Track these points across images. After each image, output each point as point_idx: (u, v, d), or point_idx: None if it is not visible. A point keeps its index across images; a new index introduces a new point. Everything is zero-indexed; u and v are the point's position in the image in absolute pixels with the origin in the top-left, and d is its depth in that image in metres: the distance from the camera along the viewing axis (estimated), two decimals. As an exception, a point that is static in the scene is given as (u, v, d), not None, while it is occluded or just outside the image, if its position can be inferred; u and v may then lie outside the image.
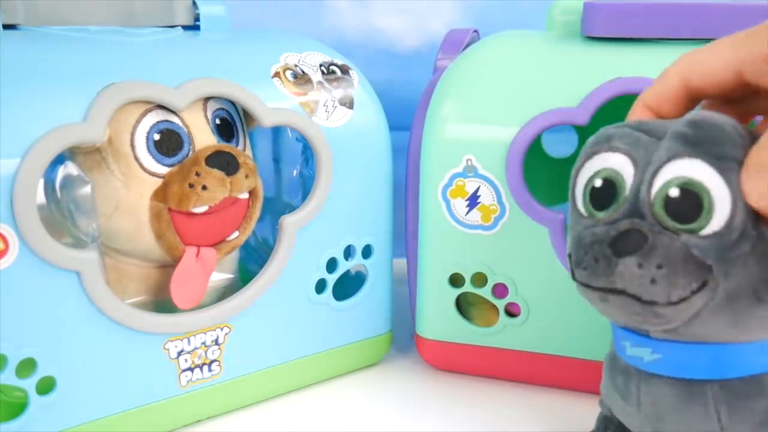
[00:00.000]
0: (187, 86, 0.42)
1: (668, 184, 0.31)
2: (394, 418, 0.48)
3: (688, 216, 0.31)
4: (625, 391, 0.36)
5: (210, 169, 0.43)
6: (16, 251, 0.37)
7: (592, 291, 0.32)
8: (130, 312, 0.41)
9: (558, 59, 0.48)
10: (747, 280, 0.31)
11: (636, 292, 0.31)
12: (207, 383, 0.46)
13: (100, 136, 0.39)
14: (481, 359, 0.51)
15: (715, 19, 0.45)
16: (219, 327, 0.45)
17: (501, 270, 0.48)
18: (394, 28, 0.69)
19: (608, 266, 0.31)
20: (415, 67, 0.64)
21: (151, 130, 0.43)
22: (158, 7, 0.50)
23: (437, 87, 0.50)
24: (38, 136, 0.37)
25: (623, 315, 0.33)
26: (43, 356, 0.39)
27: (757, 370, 0.33)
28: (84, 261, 0.39)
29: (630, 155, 0.33)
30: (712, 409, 0.33)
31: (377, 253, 0.51)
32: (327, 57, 0.50)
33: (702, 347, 0.33)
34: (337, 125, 0.48)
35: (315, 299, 0.49)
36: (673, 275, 0.30)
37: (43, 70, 0.39)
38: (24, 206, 0.37)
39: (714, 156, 0.30)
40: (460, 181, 0.48)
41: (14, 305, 0.38)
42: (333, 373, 0.52)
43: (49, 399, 0.40)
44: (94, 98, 0.39)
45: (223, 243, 0.46)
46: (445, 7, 0.70)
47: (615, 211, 0.33)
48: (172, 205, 0.43)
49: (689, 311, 0.31)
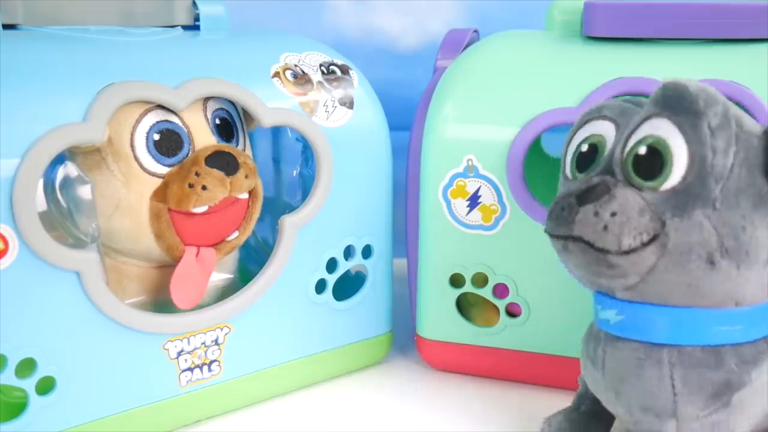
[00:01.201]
0: (186, 86, 0.42)
1: (640, 143, 0.33)
2: (394, 418, 0.48)
3: (651, 172, 0.32)
4: (594, 356, 0.37)
5: (210, 169, 0.43)
6: (16, 251, 0.37)
7: (556, 240, 0.35)
8: (129, 312, 0.41)
9: (558, 59, 0.48)
10: (700, 241, 0.32)
11: (590, 238, 0.33)
12: (207, 383, 0.45)
13: (100, 136, 0.39)
14: (481, 359, 0.51)
15: (715, 19, 0.46)
16: (219, 327, 0.45)
17: (501, 270, 0.48)
18: (394, 28, 0.70)
19: (570, 214, 0.33)
20: (415, 67, 0.64)
21: (151, 130, 0.43)
22: (158, 7, 0.49)
23: (437, 87, 0.50)
24: (38, 136, 0.37)
25: (583, 264, 0.34)
26: (43, 356, 0.39)
27: (717, 341, 0.34)
28: (84, 261, 0.39)
29: (615, 121, 0.35)
30: (667, 374, 0.34)
31: (377, 253, 0.51)
32: (327, 57, 0.50)
33: (662, 309, 0.34)
34: (337, 125, 0.48)
35: (315, 299, 0.49)
36: (626, 223, 0.32)
37: (42, 70, 0.39)
38: (24, 206, 0.37)
39: (676, 113, 0.32)
40: (461, 181, 0.48)
41: (14, 305, 0.38)
42: (333, 373, 0.52)
43: (48, 399, 0.40)
44: (94, 98, 0.39)
45: (223, 243, 0.46)
46: (445, 7, 0.71)
47: (593, 171, 0.35)
48: (171, 205, 0.43)
49: (642, 265, 0.33)
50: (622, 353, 0.35)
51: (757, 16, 0.45)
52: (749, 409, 0.34)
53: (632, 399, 0.35)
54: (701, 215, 0.32)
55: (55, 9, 0.46)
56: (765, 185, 0.32)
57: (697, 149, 0.32)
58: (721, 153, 0.32)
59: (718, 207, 0.32)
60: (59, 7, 0.46)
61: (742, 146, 0.32)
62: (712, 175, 0.32)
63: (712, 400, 0.33)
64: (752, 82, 0.44)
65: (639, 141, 0.33)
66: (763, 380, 0.34)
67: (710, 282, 0.33)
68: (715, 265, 0.32)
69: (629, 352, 0.35)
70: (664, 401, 0.34)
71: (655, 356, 0.34)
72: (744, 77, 0.44)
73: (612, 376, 0.36)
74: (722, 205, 0.32)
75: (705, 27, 0.46)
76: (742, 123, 0.33)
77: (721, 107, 0.32)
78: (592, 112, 0.36)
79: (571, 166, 0.36)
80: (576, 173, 0.36)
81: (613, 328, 0.36)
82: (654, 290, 0.34)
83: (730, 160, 0.32)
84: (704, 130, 0.32)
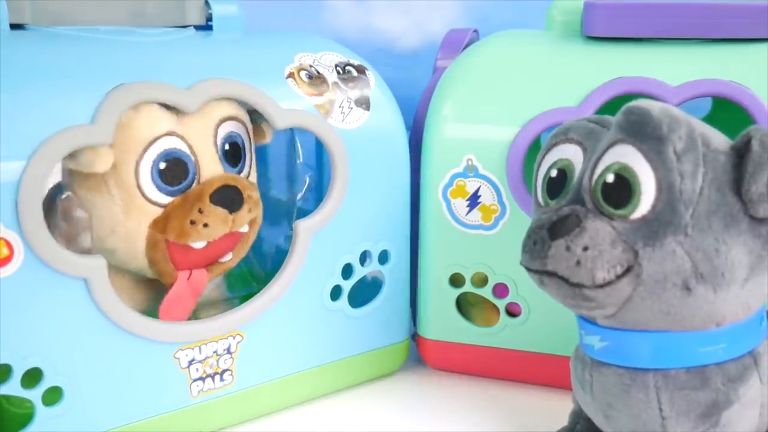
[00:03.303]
0: (198, 87, 0.41)
1: (606, 170, 0.32)
2: (394, 418, 0.47)
3: (621, 200, 0.32)
4: (582, 379, 0.37)
5: (214, 207, 0.41)
6: (21, 257, 0.36)
7: (531, 274, 0.34)
8: (139, 320, 0.40)
9: (558, 59, 0.48)
10: (674, 268, 0.32)
11: (564, 274, 0.32)
12: (219, 393, 0.44)
13: (107, 138, 0.38)
14: (482, 359, 0.50)
15: (715, 19, 0.46)
16: (231, 335, 0.44)
17: (501, 270, 0.48)
18: (394, 28, 0.70)
19: (542, 249, 0.33)
20: (415, 67, 0.65)
21: (158, 158, 0.41)
22: (169, 6, 0.48)
23: (437, 87, 0.50)
24: (44, 138, 0.36)
25: (560, 298, 0.34)
26: (50, 366, 0.38)
27: (701, 361, 0.34)
28: (92, 268, 0.38)
29: (582, 145, 0.35)
30: (654, 397, 0.34)
31: (394, 259, 0.50)
32: (343, 57, 0.48)
33: (643, 335, 0.34)
34: (353, 127, 0.46)
35: (330, 306, 0.48)
36: (598, 257, 0.32)
37: (49, 70, 0.38)
38: (29, 211, 0.36)
39: (640, 140, 0.31)
40: (461, 181, 0.48)
41: (19, 313, 0.36)
42: (348, 382, 0.50)
43: (56, 410, 0.38)
44: (102, 99, 0.38)
45: (216, 265, 0.45)
46: (445, 7, 0.70)
47: (563, 199, 0.35)
48: (170, 237, 0.41)
49: (618, 296, 0.32)
50: (608, 378, 0.35)
51: (757, 16, 0.45)
52: (739, 427, 0.34)
53: (621, 423, 0.35)
54: (673, 242, 0.31)
55: (64, 9, 0.45)
56: (736, 203, 0.32)
57: (665, 176, 0.31)
58: (689, 177, 0.31)
59: (690, 233, 0.31)
60: (68, 6, 0.45)
61: (710, 166, 0.31)
62: (681, 201, 0.31)
63: (701, 421, 0.33)
64: (752, 82, 0.44)
65: (606, 168, 0.32)
66: (751, 396, 0.34)
67: (688, 307, 0.32)
68: (691, 291, 0.32)
69: (615, 377, 0.35)
70: (653, 425, 0.34)
71: (641, 381, 0.34)
72: (744, 77, 0.44)
73: (600, 400, 0.36)
74: (694, 230, 0.31)
75: (705, 27, 0.46)
76: (708, 142, 0.32)
77: (685, 129, 0.31)
78: (559, 135, 0.36)
79: (542, 192, 0.36)
80: (547, 199, 0.36)
81: (597, 354, 0.35)
82: (633, 318, 0.33)
83: (699, 182, 0.31)
84: (670, 155, 0.31)
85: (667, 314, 0.33)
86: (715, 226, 0.31)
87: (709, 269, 0.32)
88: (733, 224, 0.32)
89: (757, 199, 0.31)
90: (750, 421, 0.34)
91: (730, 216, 0.32)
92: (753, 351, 0.35)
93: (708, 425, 0.33)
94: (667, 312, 0.33)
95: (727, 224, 0.31)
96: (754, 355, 0.35)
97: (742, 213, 0.32)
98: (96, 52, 0.41)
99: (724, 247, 0.32)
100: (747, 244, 0.32)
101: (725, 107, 0.50)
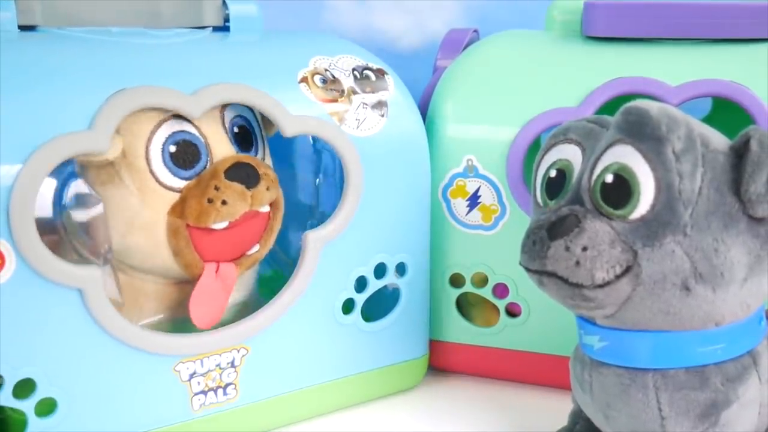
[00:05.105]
0: (202, 92, 0.40)
1: (605, 170, 0.32)
2: (394, 418, 0.47)
3: (620, 201, 0.32)
4: (582, 380, 0.37)
5: (230, 183, 0.40)
6: (13, 266, 0.35)
7: (531, 274, 0.34)
8: (135, 331, 0.39)
9: (558, 59, 0.48)
10: (673, 269, 0.32)
11: (564, 274, 0.32)
12: (222, 408, 0.43)
13: (104, 145, 0.37)
14: (482, 359, 0.50)
15: (715, 19, 0.46)
16: (235, 348, 0.42)
17: (501, 270, 0.48)
18: (394, 28, 0.70)
19: (542, 249, 0.33)
20: (415, 67, 0.63)
21: (167, 141, 0.40)
22: (186, 7, 0.47)
23: (437, 87, 0.50)
24: (38, 144, 0.35)
25: (559, 298, 0.34)
26: (43, 377, 0.37)
27: (700, 361, 0.34)
28: (86, 278, 0.37)
29: (581, 145, 0.35)
30: (653, 398, 0.34)
31: (412, 271, 0.48)
32: (361, 60, 0.46)
33: (642, 335, 0.34)
34: (368, 134, 0.44)
35: (341, 320, 0.46)
36: (597, 257, 0.32)
37: (49, 73, 0.37)
38: (21, 219, 0.35)
39: (639, 140, 0.31)
40: (461, 181, 0.48)
41: (11, 323, 0.36)
42: (359, 399, 0.48)
43: (49, 422, 0.38)
44: (101, 105, 0.37)
45: (244, 257, 0.43)
46: (445, 7, 0.70)
47: (562, 199, 0.35)
48: (190, 221, 0.40)
49: (617, 296, 0.32)
50: (607, 379, 0.35)
51: (757, 16, 0.46)
52: (738, 426, 0.34)
53: (621, 423, 0.35)
54: (672, 243, 0.31)
55: (76, 9, 0.44)
56: (735, 203, 0.32)
57: (664, 176, 0.31)
58: (688, 177, 0.31)
59: (689, 233, 0.31)
60: (81, 7, 0.44)
61: (709, 166, 0.31)
62: (680, 201, 0.31)
63: (700, 421, 0.33)
64: (752, 82, 0.44)
65: (605, 168, 0.32)
66: (750, 395, 0.34)
67: (687, 307, 0.33)
68: (690, 291, 0.32)
69: (614, 377, 0.35)
70: (652, 425, 0.34)
71: (640, 381, 0.34)
72: (744, 77, 0.44)
73: (599, 400, 0.36)
74: (693, 230, 0.31)
75: (705, 27, 0.46)
76: (707, 142, 0.32)
77: (684, 129, 0.31)
78: (558, 135, 0.36)
79: (541, 192, 0.36)
80: (546, 200, 0.36)
81: (597, 354, 0.35)
82: (632, 318, 0.33)
83: (697, 183, 0.31)
84: (669, 155, 0.31)
85: (666, 314, 0.33)
86: (714, 226, 0.31)
87: (708, 269, 0.32)
88: (732, 224, 0.32)
89: (755, 199, 0.31)
90: (749, 420, 0.34)
91: (729, 216, 0.32)
92: (752, 351, 0.35)
93: (707, 425, 0.34)
94: (666, 312, 0.33)
95: (726, 224, 0.32)
96: (753, 354, 0.35)
97: (741, 213, 0.32)
98: (101, 55, 0.40)
99: (723, 247, 0.32)
100: (746, 243, 0.32)
101: (725, 107, 0.49)
